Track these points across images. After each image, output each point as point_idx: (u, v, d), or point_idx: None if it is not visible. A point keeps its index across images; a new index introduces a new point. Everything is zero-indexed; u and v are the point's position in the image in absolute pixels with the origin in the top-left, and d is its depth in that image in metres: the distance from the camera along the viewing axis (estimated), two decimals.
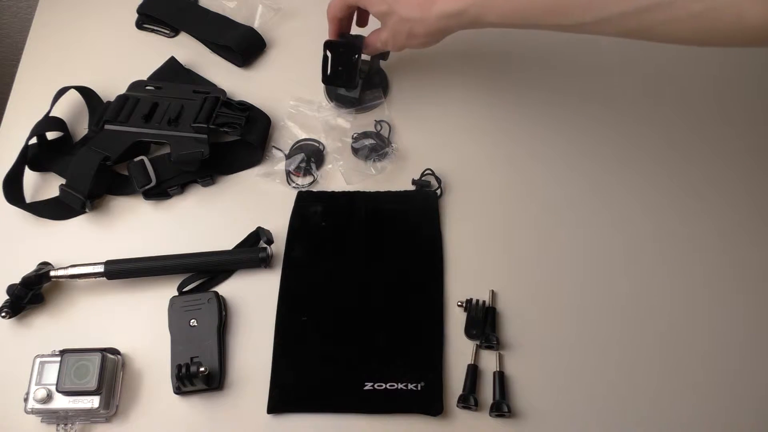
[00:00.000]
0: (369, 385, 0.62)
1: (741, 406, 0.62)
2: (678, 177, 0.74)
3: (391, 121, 0.78)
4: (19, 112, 0.79)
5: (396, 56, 0.83)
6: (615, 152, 0.76)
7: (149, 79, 0.79)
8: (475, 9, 0.63)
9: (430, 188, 0.73)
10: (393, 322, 0.66)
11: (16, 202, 0.71)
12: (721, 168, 0.75)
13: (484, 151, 0.76)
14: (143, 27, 0.86)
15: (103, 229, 0.72)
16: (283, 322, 0.66)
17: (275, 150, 0.76)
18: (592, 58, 0.83)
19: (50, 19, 0.87)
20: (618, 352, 0.65)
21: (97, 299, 0.68)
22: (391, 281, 0.68)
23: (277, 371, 0.63)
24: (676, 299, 0.67)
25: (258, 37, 0.83)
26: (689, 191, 0.73)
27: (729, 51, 0.81)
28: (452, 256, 0.70)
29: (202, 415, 0.62)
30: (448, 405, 0.62)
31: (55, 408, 0.59)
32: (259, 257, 0.68)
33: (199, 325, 0.64)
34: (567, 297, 0.68)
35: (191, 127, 0.73)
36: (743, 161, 0.75)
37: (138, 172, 0.72)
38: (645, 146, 0.76)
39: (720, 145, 0.76)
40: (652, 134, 0.77)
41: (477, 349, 0.65)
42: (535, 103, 0.79)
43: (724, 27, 0.51)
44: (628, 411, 0.62)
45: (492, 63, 0.83)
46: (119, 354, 0.64)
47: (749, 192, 0.73)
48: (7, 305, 0.65)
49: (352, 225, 0.71)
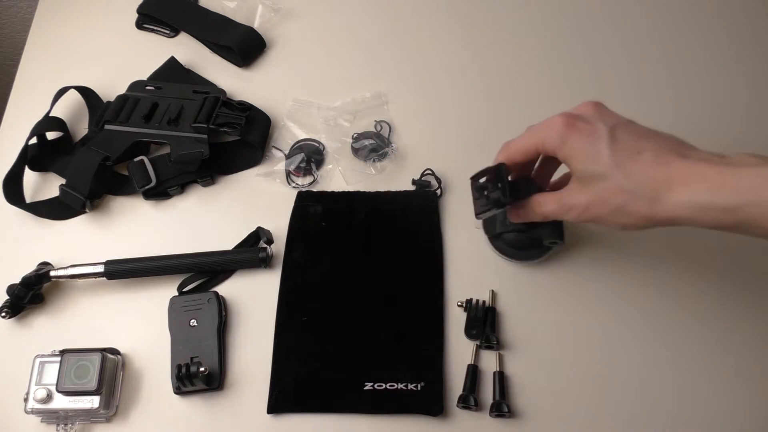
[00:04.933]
0: (369, 385, 0.62)
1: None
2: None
3: (391, 121, 0.78)
4: (19, 112, 0.79)
5: (396, 56, 0.83)
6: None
7: (149, 79, 0.79)
8: (758, 210, 0.44)
9: (430, 188, 0.73)
10: (393, 322, 0.66)
11: (16, 202, 0.71)
12: None
13: (485, 151, 0.76)
14: (143, 27, 0.86)
15: (103, 229, 0.72)
16: (283, 322, 0.66)
17: (275, 150, 0.76)
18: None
19: (50, 19, 0.87)
20: (618, 351, 0.65)
21: (97, 299, 0.68)
22: (391, 281, 0.68)
23: (277, 371, 0.63)
24: (677, 297, 0.67)
25: (258, 37, 0.83)
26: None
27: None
28: (452, 256, 0.69)
29: (202, 415, 0.62)
30: (448, 405, 0.62)
31: (55, 408, 0.59)
32: (259, 257, 0.68)
33: (199, 325, 0.64)
34: (567, 295, 0.67)
35: (191, 127, 0.73)
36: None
37: (138, 172, 0.72)
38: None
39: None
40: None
41: (477, 349, 0.64)
42: (535, 102, 0.79)
43: None
44: (628, 411, 0.62)
45: (493, 62, 0.83)
46: (119, 354, 0.64)
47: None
48: (7, 305, 0.65)
49: (352, 225, 0.71)
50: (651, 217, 0.49)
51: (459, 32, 0.85)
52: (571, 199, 0.52)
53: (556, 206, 0.53)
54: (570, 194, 0.52)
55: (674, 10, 0.86)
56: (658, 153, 0.48)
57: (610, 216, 0.50)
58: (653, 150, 0.48)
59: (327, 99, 0.79)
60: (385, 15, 0.86)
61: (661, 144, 0.49)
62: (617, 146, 0.49)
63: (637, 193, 0.48)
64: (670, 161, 0.48)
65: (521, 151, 0.54)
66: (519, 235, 0.66)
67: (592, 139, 0.50)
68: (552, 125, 0.52)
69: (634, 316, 0.66)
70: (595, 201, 0.50)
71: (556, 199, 0.54)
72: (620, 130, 0.50)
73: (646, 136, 0.50)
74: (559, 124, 0.51)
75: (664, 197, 0.47)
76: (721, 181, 0.46)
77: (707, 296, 0.67)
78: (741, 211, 0.45)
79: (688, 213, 0.47)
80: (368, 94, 0.79)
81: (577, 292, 0.68)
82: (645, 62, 0.82)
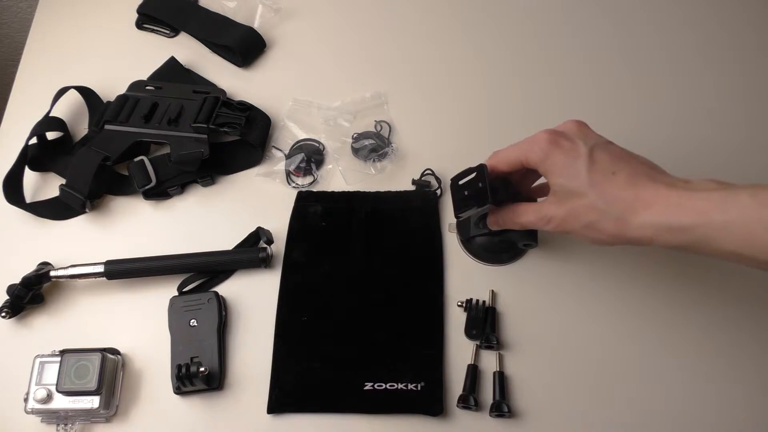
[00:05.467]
0: (369, 385, 0.62)
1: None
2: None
3: (391, 121, 0.78)
4: (19, 112, 0.79)
5: (396, 56, 0.83)
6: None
7: (149, 79, 0.79)
8: (707, 231, 0.47)
9: (430, 188, 0.73)
10: (393, 322, 0.66)
11: (16, 202, 0.71)
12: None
13: (484, 151, 0.76)
14: (143, 27, 0.86)
15: (103, 229, 0.72)
16: (283, 322, 0.66)
17: (275, 150, 0.76)
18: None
19: (50, 19, 0.87)
20: (618, 351, 0.65)
21: (97, 299, 0.68)
22: (391, 281, 0.68)
23: (277, 371, 0.63)
24: (677, 295, 0.67)
25: (258, 37, 0.83)
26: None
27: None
28: (452, 256, 0.69)
29: (202, 415, 0.62)
30: (448, 405, 0.62)
31: (55, 408, 0.59)
32: (259, 257, 0.68)
33: (199, 325, 0.64)
34: (567, 296, 0.68)
35: (191, 127, 0.73)
36: None
37: (138, 172, 0.72)
38: None
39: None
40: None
41: (477, 349, 0.64)
42: (534, 102, 0.79)
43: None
44: (628, 411, 0.62)
45: (493, 62, 0.83)
46: (119, 354, 0.64)
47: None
48: (7, 305, 0.65)
49: (352, 225, 0.71)
50: (618, 235, 0.51)
51: (459, 32, 0.85)
52: (548, 211, 0.55)
53: (534, 217, 0.56)
54: (548, 207, 0.55)
55: (673, 15, 0.86)
56: (629, 175, 0.51)
57: (582, 230, 0.53)
58: (626, 172, 0.51)
59: (327, 99, 0.79)
60: (385, 15, 0.87)
61: (634, 167, 0.52)
62: (594, 166, 0.52)
63: (607, 212, 0.51)
64: (639, 184, 0.50)
65: (506, 161, 0.57)
66: (492, 238, 0.66)
67: (572, 157, 0.52)
68: (537, 141, 0.54)
69: (635, 315, 0.66)
70: (569, 215, 0.53)
71: (534, 210, 0.56)
72: (598, 151, 0.52)
73: (622, 159, 0.52)
74: (543, 141, 0.54)
75: (629, 218, 0.50)
76: (677, 204, 0.49)
77: (706, 296, 0.67)
78: (693, 231, 0.48)
79: (649, 234, 0.50)
80: (368, 94, 0.79)
81: (578, 292, 0.68)
82: (645, 63, 0.82)
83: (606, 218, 0.51)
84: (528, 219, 0.57)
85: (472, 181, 0.58)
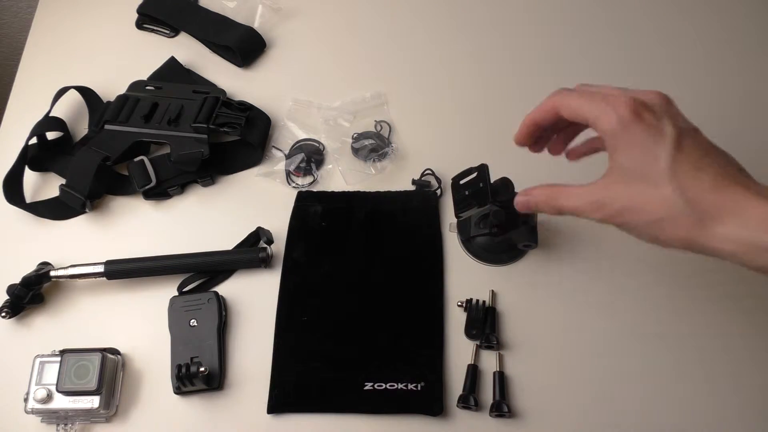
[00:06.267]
0: (369, 385, 0.62)
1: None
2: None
3: (391, 121, 0.78)
4: (19, 112, 0.79)
5: (396, 56, 0.83)
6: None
7: (149, 79, 0.79)
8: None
9: (430, 188, 0.73)
10: (393, 322, 0.66)
11: (16, 202, 0.71)
12: None
13: (485, 151, 0.76)
14: (143, 27, 0.86)
15: (103, 229, 0.72)
16: (283, 322, 0.66)
17: (275, 150, 0.76)
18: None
19: (50, 19, 0.87)
20: (619, 350, 0.65)
21: (97, 299, 0.68)
22: (391, 281, 0.68)
23: (277, 371, 0.63)
24: (677, 295, 0.67)
25: (258, 37, 0.83)
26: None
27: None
28: (452, 256, 0.70)
29: (202, 415, 0.62)
30: (448, 405, 0.62)
31: (55, 408, 0.59)
32: (259, 257, 0.68)
33: (199, 325, 0.64)
34: (567, 296, 0.68)
35: (191, 127, 0.73)
36: None
37: (138, 172, 0.72)
38: None
39: None
40: None
41: (477, 349, 0.65)
42: (535, 102, 0.79)
43: None
44: (628, 410, 0.62)
45: (493, 62, 0.83)
46: (119, 354, 0.64)
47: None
48: (7, 305, 0.65)
49: (352, 225, 0.71)
50: (690, 240, 0.44)
51: (459, 32, 0.85)
52: (603, 195, 0.46)
53: (581, 201, 0.47)
54: (602, 190, 0.46)
55: (673, 15, 0.86)
56: (718, 175, 0.43)
57: (645, 227, 0.45)
58: (714, 170, 0.44)
59: (327, 99, 0.79)
60: (385, 15, 0.87)
61: (723, 166, 0.44)
62: (680, 155, 0.44)
63: (684, 212, 0.43)
64: (728, 188, 0.43)
65: (572, 112, 0.47)
66: (492, 238, 0.66)
67: (656, 138, 0.44)
68: (615, 103, 0.45)
69: (635, 315, 0.66)
70: (633, 206, 0.45)
71: (580, 194, 0.47)
72: (688, 138, 0.45)
73: (710, 153, 0.45)
74: (624, 106, 0.45)
75: (710, 225, 0.43)
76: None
77: (707, 296, 0.67)
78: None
79: (731, 248, 0.42)
80: (368, 94, 0.79)
81: (578, 292, 0.68)
82: (645, 63, 0.82)
83: (680, 218, 0.43)
84: (572, 204, 0.47)
85: (473, 180, 0.58)
